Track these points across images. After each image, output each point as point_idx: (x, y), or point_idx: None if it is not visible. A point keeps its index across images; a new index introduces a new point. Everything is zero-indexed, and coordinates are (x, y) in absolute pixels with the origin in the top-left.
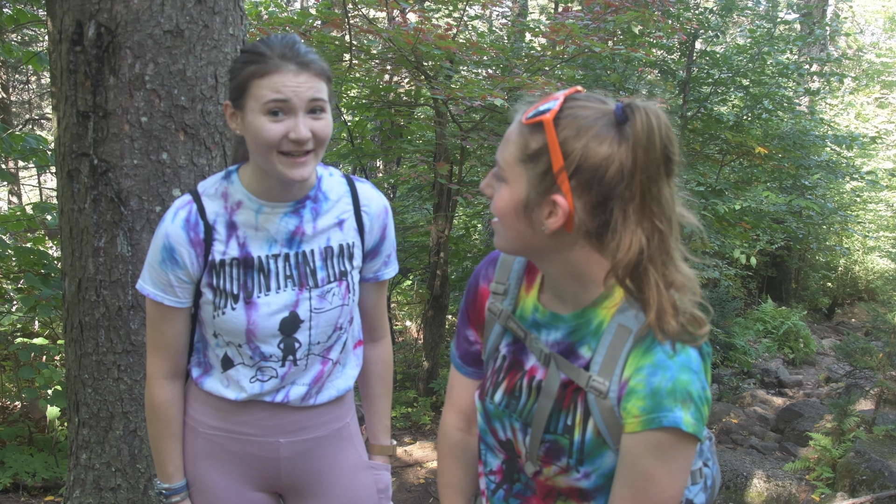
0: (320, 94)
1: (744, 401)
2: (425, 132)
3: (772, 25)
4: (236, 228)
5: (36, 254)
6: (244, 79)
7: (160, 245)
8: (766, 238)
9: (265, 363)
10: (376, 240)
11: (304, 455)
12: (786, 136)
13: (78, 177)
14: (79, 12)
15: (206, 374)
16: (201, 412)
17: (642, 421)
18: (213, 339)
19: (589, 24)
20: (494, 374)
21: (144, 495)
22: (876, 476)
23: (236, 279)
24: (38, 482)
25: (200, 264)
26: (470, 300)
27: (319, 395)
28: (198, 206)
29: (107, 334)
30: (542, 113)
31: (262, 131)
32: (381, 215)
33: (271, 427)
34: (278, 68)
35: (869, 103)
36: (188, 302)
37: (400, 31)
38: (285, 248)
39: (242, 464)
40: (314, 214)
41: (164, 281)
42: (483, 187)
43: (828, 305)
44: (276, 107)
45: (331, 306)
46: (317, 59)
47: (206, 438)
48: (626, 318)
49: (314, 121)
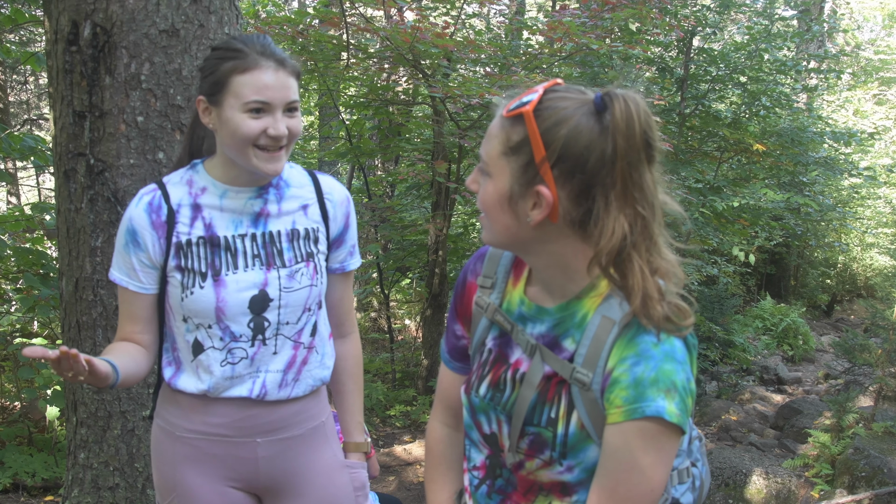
0: (295, 95)
1: (743, 398)
2: (423, 131)
3: (769, 22)
4: (201, 210)
5: (35, 254)
6: (223, 74)
7: (124, 229)
8: (765, 235)
9: (235, 344)
10: (340, 228)
11: (281, 455)
12: (784, 132)
13: (74, 176)
14: (74, 12)
15: (178, 371)
16: (178, 416)
17: (625, 411)
18: (183, 324)
19: (586, 21)
20: (480, 367)
21: (143, 494)
22: (875, 472)
23: (203, 258)
24: (37, 482)
25: (163, 247)
26: (458, 295)
27: (297, 384)
28: (162, 192)
29: (104, 333)
30: (522, 105)
31: (241, 127)
32: (344, 203)
33: (248, 427)
34: (258, 64)
35: (867, 100)
36: (152, 289)
37: (397, 30)
38: (251, 227)
39: (221, 465)
40: (278, 198)
41: (129, 265)
42: (469, 183)
43: (827, 302)
44: (257, 106)
45: (300, 286)
46: (290, 58)
47: (185, 442)
48: (610, 309)
49: (289, 119)
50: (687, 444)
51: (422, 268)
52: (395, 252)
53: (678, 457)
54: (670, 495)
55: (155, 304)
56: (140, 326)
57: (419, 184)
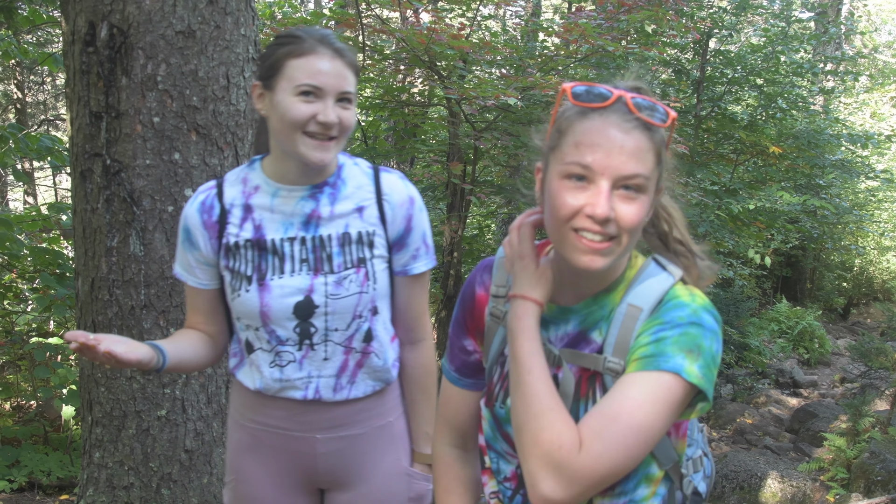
0: (350, 87)
1: (758, 401)
2: (439, 132)
3: (786, 24)
4: (252, 211)
5: (51, 254)
6: (278, 58)
7: (180, 227)
8: (781, 238)
9: (282, 347)
10: (400, 231)
11: (340, 452)
12: (800, 135)
13: (91, 177)
14: (91, 13)
15: (240, 364)
16: (242, 405)
17: (641, 363)
18: (237, 322)
19: (602, 23)
20: (503, 378)
21: (157, 494)
22: (891, 477)
23: (250, 261)
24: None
25: (214, 247)
26: (467, 309)
27: (353, 387)
28: (217, 191)
29: (119, 333)
30: (665, 114)
31: (290, 110)
32: (405, 205)
33: (307, 423)
34: (314, 50)
35: (884, 102)
36: (210, 284)
37: (413, 31)
38: (301, 231)
39: (280, 457)
40: (332, 199)
41: (186, 262)
42: (608, 211)
43: (843, 305)
44: (308, 89)
45: (347, 293)
46: (350, 51)
47: (248, 431)
48: (636, 297)
49: (342, 110)
50: (697, 433)
51: (436, 269)
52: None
53: (690, 446)
54: (692, 483)
55: (216, 298)
56: (203, 318)
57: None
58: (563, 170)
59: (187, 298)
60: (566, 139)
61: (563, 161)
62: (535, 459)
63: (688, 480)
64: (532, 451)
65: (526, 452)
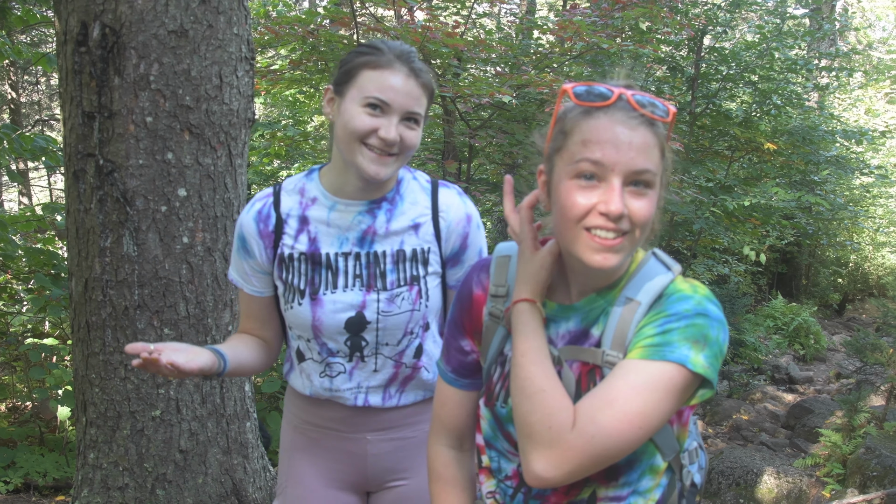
0: (419, 108)
1: (754, 397)
2: (434, 130)
3: (780, 20)
4: (308, 223)
5: (46, 254)
6: (355, 66)
7: (236, 234)
8: (776, 234)
9: (332, 359)
10: (455, 248)
11: (391, 455)
12: (795, 131)
13: (84, 177)
14: (83, 13)
15: (291, 370)
16: (297, 406)
17: (645, 351)
18: (290, 331)
19: (597, 20)
20: (504, 377)
21: (152, 494)
22: (887, 472)
23: (304, 274)
24: (48, 482)
25: (269, 256)
26: (464, 309)
27: (403, 395)
28: (274, 200)
29: (113, 334)
30: (665, 110)
31: (354, 119)
32: (462, 223)
33: (358, 424)
34: (391, 65)
35: (879, 99)
36: (265, 292)
37: (408, 29)
38: (356, 247)
39: (332, 458)
40: (389, 216)
41: (241, 270)
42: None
43: (838, 301)
44: (375, 102)
45: (399, 310)
46: (427, 73)
47: (300, 432)
48: (633, 291)
49: (407, 129)
50: (692, 424)
51: None
52: None
53: (688, 437)
54: (691, 474)
55: (271, 305)
56: (258, 324)
57: None
58: (573, 169)
59: (241, 304)
60: (572, 139)
61: (572, 161)
62: (526, 439)
63: (686, 471)
64: (523, 430)
65: (520, 434)
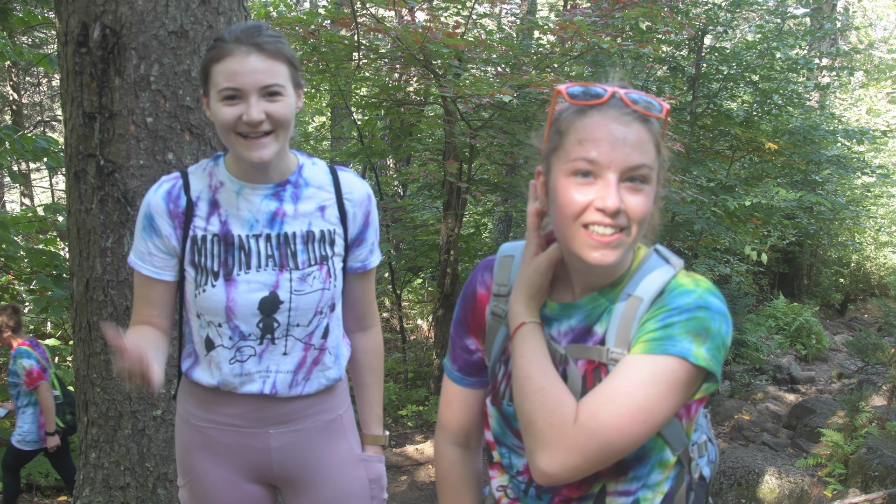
0: (275, 79)
1: (756, 397)
2: (434, 130)
3: (781, 20)
4: (218, 206)
5: (48, 255)
6: (205, 65)
7: (142, 214)
8: (778, 234)
9: (244, 342)
10: (360, 227)
11: (293, 446)
12: (796, 131)
13: (85, 178)
14: (84, 14)
15: (195, 364)
16: (194, 405)
17: (647, 346)
18: (196, 320)
19: (597, 20)
20: (508, 376)
21: (153, 494)
22: (888, 472)
23: (217, 256)
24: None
25: (179, 237)
26: (468, 308)
27: (308, 383)
28: (183, 182)
29: None
30: (659, 107)
31: (218, 115)
32: (365, 202)
33: (260, 419)
34: (231, 52)
35: (880, 98)
36: (168, 276)
37: (408, 30)
38: (266, 228)
39: (235, 455)
40: (294, 198)
41: (144, 249)
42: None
43: (840, 301)
44: (229, 93)
45: (311, 289)
46: (273, 42)
47: (200, 430)
48: (636, 288)
49: (269, 103)
50: (702, 417)
51: (433, 268)
52: (406, 252)
53: (696, 430)
54: (699, 467)
55: (171, 291)
56: (157, 311)
57: (431, 184)
58: (569, 168)
59: (139, 290)
60: (568, 138)
61: (568, 159)
62: (529, 437)
63: (695, 464)
64: (527, 429)
65: (523, 432)
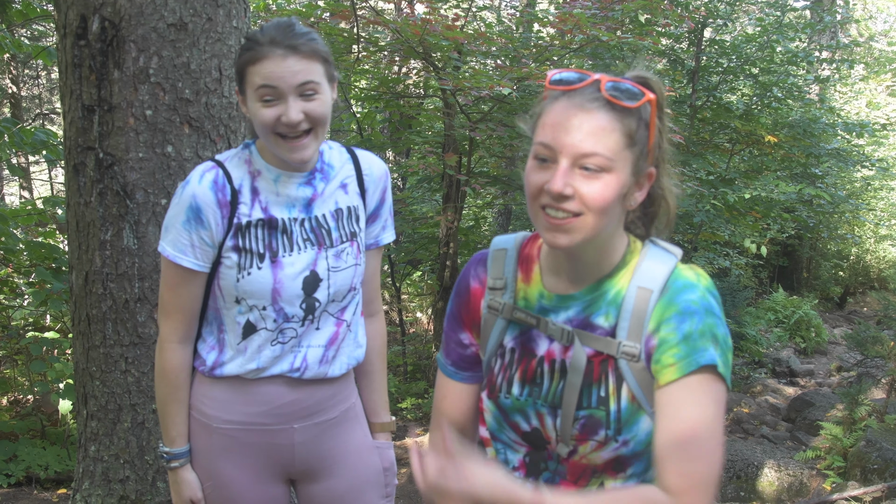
0: (310, 77)
1: (755, 390)
2: (434, 123)
3: (781, 13)
4: (259, 193)
5: (47, 248)
6: (240, 66)
7: (186, 205)
8: (777, 227)
9: (287, 324)
10: (377, 202)
11: (316, 439)
12: (796, 124)
13: (84, 170)
14: (83, 6)
15: (221, 357)
16: (215, 407)
17: (679, 367)
18: (235, 305)
19: (597, 13)
20: (505, 368)
21: (153, 487)
22: (887, 465)
23: (262, 239)
24: (50, 475)
25: (224, 226)
26: (462, 303)
27: (335, 362)
28: (224, 171)
29: (114, 327)
30: (641, 95)
31: (257, 116)
32: (382, 178)
33: (286, 414)
34: (266, 55)
35: (880, 91)
36: (206, 267)
37: (407, 23)
38: (303, 213)
39: (259, 455)
40: (325, 182)
41: (186, 242)
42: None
43: (839, 294)
44: (266, 94)
45: (346, 265)
46: (307, 41)
47: (222, 434)
48: (644, 280)
49: (306, 102)
50: None
51: (433, 261)
52: (406, 245)
53: None
54: None
55: (205, 283)
56: (190, 316)
57: (430, 176)
58: (532, 151)
59: (174, 283)
60: (539, 122)
61: (534, 143)
62: None
63: None
64: None
65: None
